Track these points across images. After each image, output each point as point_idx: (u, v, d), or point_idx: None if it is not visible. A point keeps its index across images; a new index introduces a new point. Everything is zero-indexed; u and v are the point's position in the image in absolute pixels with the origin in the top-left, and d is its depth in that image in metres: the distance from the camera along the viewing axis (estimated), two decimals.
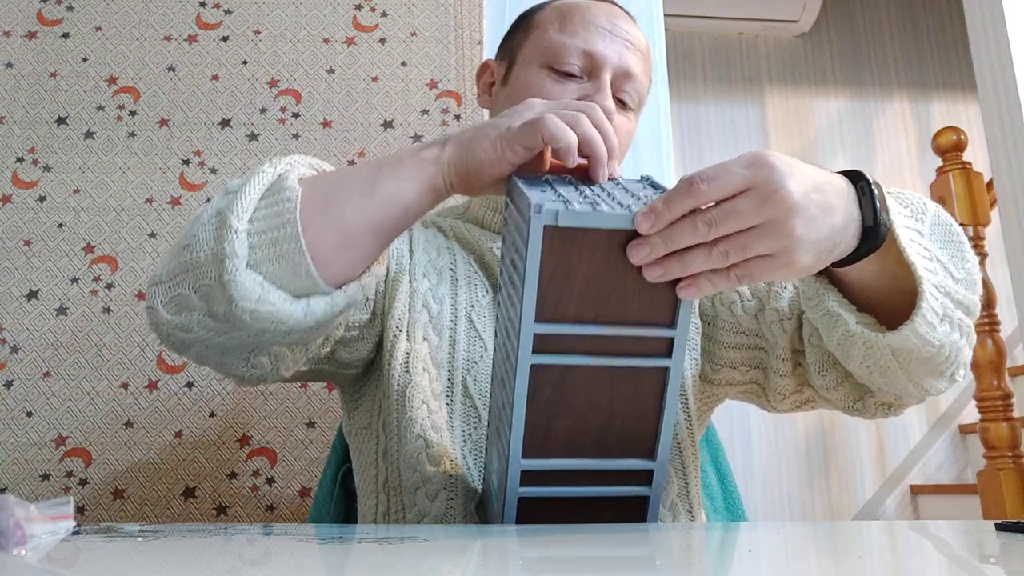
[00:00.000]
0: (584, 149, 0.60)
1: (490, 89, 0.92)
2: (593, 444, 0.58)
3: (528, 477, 0.58)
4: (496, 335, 0.64)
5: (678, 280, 0.54)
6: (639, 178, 0.63)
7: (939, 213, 0.68)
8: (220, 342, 0.65)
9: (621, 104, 0.84)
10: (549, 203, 0.51)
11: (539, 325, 0.53)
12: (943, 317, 0.63)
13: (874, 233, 0.58)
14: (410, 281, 0.82)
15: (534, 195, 0.53)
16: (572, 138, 0.59)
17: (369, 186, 0.64)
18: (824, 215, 0.54)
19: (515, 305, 0.54)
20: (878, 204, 0.58)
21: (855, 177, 0.59)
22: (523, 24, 0.90)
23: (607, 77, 0.81)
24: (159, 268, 0.67)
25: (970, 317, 0.67)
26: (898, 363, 0.66)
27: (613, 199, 0.55)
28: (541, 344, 0.54)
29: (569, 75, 0.82)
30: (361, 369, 0.83)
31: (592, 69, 0.82)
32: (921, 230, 0.64)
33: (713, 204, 0.52)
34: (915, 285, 0.61)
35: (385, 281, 0.81)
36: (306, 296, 0.63)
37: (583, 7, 0.85)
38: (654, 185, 0.61)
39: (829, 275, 0.65)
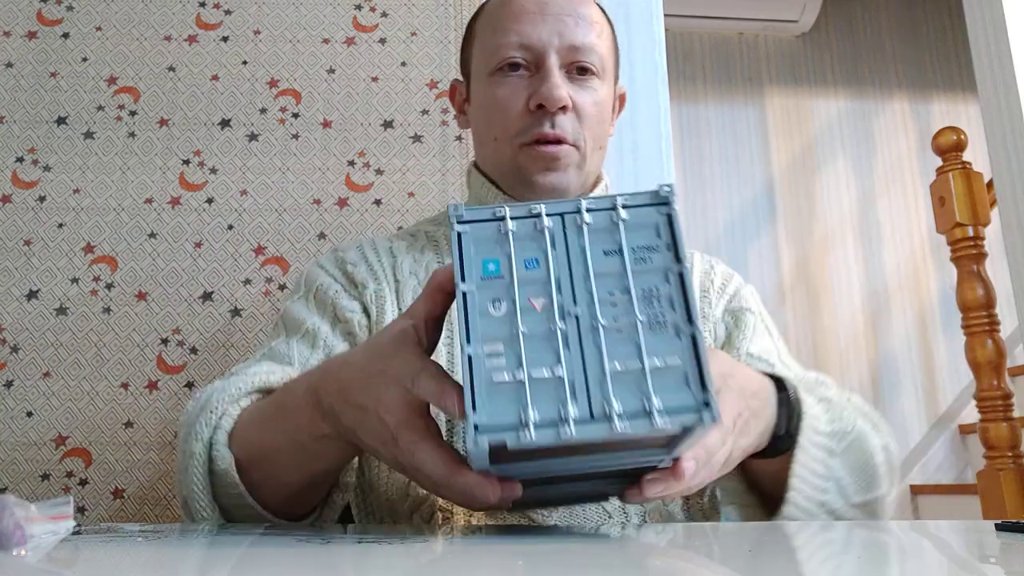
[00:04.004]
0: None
1: (463, 107, 0.91)
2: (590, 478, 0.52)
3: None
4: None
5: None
6: (647, 191, 0.45)
7: (862, 436, 0.69)
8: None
9: (583, 72, 0.81)
10: (509, 433, 0.39)
11: (496, 467, 0.45)
12: (816, 515, 0.66)
13: (779, 443, 0.62)
14: (397, 289, 0.82)
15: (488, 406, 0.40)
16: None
17: (288, 441, 0.60)
18: (755, 420, 0.58)
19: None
20: (793, 416, 0.62)
21: (781, 384, 0.63)
22: (468, 35, 0.89)
23: (551, 63, 0.79)
24: (182, 490, 0.69)
25: (877, 504, 0.72)
26: None
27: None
28: (504, 468, 0.46)
29: (515, 68, 0.80)
30: None
31: (536, 59, 0.80)
32: (834, 448, 0.66)
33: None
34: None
35: (370, 302, 0.81)
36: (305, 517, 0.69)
37: None
38: (659, 201, 0.44)
39: None
